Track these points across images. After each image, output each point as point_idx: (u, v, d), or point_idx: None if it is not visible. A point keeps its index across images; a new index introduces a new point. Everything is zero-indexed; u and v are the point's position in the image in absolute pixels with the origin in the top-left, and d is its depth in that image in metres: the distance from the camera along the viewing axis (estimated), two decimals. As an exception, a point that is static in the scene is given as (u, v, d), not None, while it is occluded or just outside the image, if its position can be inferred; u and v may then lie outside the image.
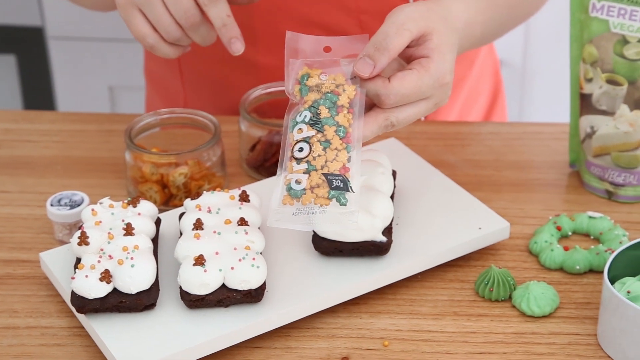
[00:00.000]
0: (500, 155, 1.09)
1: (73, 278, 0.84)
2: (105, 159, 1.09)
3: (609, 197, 1.03)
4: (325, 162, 0.81)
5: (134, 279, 0.83)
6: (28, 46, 2.03)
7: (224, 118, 1.14)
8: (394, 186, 0.94)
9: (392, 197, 0.93)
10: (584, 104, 1.02)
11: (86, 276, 0.83)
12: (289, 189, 0.80)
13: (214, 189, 0.98)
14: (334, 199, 0.80)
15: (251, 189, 0.97)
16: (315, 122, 0.82)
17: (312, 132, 0.82)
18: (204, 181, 1.01)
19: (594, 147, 1.02)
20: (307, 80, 0.84)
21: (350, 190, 0.80)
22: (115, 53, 1.99)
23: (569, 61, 1.03)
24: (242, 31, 1.13)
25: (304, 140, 0.82)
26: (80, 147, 1.12)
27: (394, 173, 0.96)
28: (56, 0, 1.93)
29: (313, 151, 0.81)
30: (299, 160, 0.81)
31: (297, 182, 0.80)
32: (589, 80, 1.00)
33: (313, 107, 0.83)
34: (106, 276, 0.83)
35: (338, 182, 0.80)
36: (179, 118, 1.06)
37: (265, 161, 1.05)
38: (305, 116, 0.83)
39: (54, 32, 1.98)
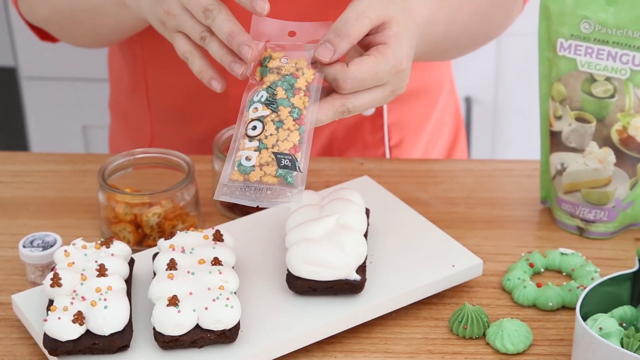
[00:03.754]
0: (472, 192, 1.10)
1: (45, 320, 0.83)
2: (79, 199, 1.09)
3: (580, 233, 1.04)
4: (277, 141, 0.83)
5: (107, 320, 0.83)
6: (1, 86, 2.02)
7: (197, 157, 1.14)
8: (368, 224, 0.94)
9: (365, 235, 0.93)
10: (553, 141, 1.03)
11: (59, 318, 0.82)
12: (239, 165, 0.82)
13: (188, 229, 0.98)
14: (281, 177, 0.81)
15: (225, 228, 0.97)
16: (270, 102, 0.84)
17: (267, 112, 0.84)
18: (177, 221, 1.01)
19: (564, 183, 1.03)
20: (268, 62, 0.86)
21: (298, 169, 0.82)
22: (89, 92, 1.99)
23: (539, 99, 1.04)
24: (213, 60, 1.14)
25: (258, 119, 0.84)
26: (53, 187, 1.11)
27: (367, 211, 0.97)
28: (29, 41, 1.93)
29: (266, 130, 0.83)
30: (251, 138, 0.83)
31: (247, 158, 0.82)
32: (558, 117, 1.02)
33: (270, 87, 0.85)
34: (79, 318, 0.83)
35: (286, 161, 0.82)
36: (153, 158, 1.06)
37: (239, 200, 1.05)
38: (262, 96, 0.85)
39: (27, 72, 1.98)
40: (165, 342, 0.83)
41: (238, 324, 0.84)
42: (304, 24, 0.88)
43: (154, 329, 0.84)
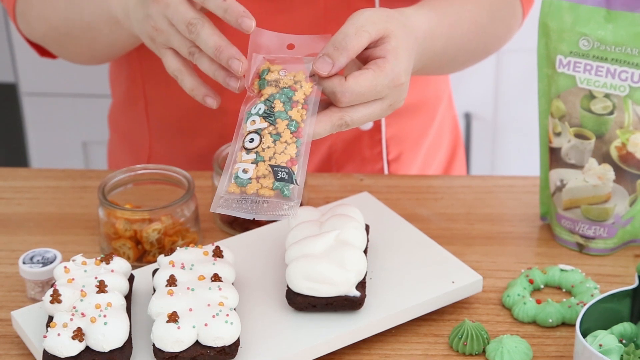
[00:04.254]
0: (472, 209, 1.10)
1: (45, 336, 0.83)
2: (79, 215, 1.09)
3: (579, 249, 1.04)
4: (274, 154, 0.83)
5: (107, 336, 0.83)
6: (1, 103, 2.03)
7: (197, 173, 1.14)
8: (367, 240, 0.94)
9: (365, 251, 0.93)
10: (553, 157, 1.03)
11: (58, 334, 0.82)
12: (236, 177, 0.82)
13: (188, 245, 0.98)
14: (277, 190, 0.81)
15: (225, 244, 0.97)
16: (268, 115, 0.84)
17: (265, 125, 0.84)
18: (177, 237, 1.01)
19: (564, 200, 1.03)
20: (266, 74, 0.86)
21: (294, 182, 0.82)
22: (89, 108, 1.99)
23: (538, 115, 1.04)
24: (206, 77, 1.14)
25: (256, 131, 0.84)
26: (53, 203, 1.11)
27: (367, 227, 0.97)
28: (29, 57, 1.94)
29: (263, 142, 0.83)
30: (248, 151, 0.83)
31: (244, 171, 0.82)
32: (558, 134, 1.02)
33: (268, 100, 0.85)
34: (79, 334, 0.82)
35: (283, 174, 0.82)
36: (153, 174, 1.06)
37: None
38: (260, 109, 0.85)
39: (27, 89, 1.99)
40: (165, 358, 0.83)
41: (238, 340, 0.84)
42: (302, 36, 0.88)
43: (153, 345, 0.84)
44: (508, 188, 1.14)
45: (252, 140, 0.84)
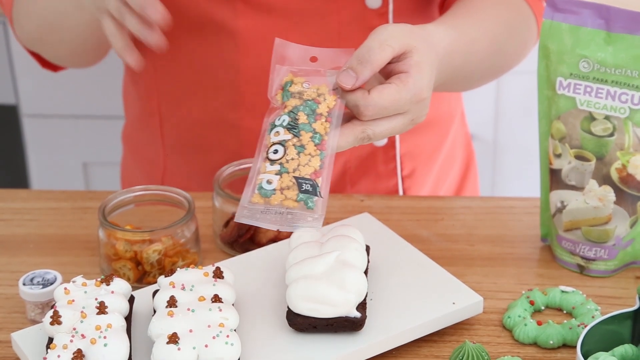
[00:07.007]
0: (472, 230, 1.10)
1: (45, 358, 0.83)
2: (79, 236, 1.09)
3: (580, 271, 1.04)
4: (298, 165, 0.83)
5: (107, 358, 0.82)
6: (2, 124, 2.03)
7: (198, 194, 1.15)
8: (368, 261, 0.94)
9: (366, 272, 0.93)
10: (553, 179, 1.03)
11: (58, 356, 0.82)
12: (260, 188, 0.82)
13: (188, 266, 0.98)
14: (301, 202, 0.81)
15: (225, 265, 0.97)
16: (292, 127, 0.85)
17: (289, 136, 0.84)
18: (178, 258, 1.01)
19: (564, 221, 1.03)
20: (290, 86, 0.87)
21: (318, 195, 0.82)
22: (90, 130, 2.00)
23: (538, 137, 1.04)
24: (227, 94, 1.15)
25: (280, 143, 0.84)
26: (53, 225, 1.11)
27: (367, 248, 0.97)
28: (30, 79, 1.95)
29: (287, 154, 0.84)
30: (272, 162, 0.84)
31: (269, 182, 0.83)
32: (558, 155, 1.02)
33: (292, 112, 0.86)
34: (79, 356, 0.82)
35: (307, 186, 0.82)
36: (153, 195, 1.06)
37: (239, 237, 1.05)
38: (284, 120, 0.85)
39: (28, 110, 1.99)
40: (165, 380, 0.83)
41: (238, 361, 0.84)
42: (326, 50, 0.89)
43: (153, 366, 0.84)
44: (508, 209, 1.14)
45: (276, 151, 0.84)
